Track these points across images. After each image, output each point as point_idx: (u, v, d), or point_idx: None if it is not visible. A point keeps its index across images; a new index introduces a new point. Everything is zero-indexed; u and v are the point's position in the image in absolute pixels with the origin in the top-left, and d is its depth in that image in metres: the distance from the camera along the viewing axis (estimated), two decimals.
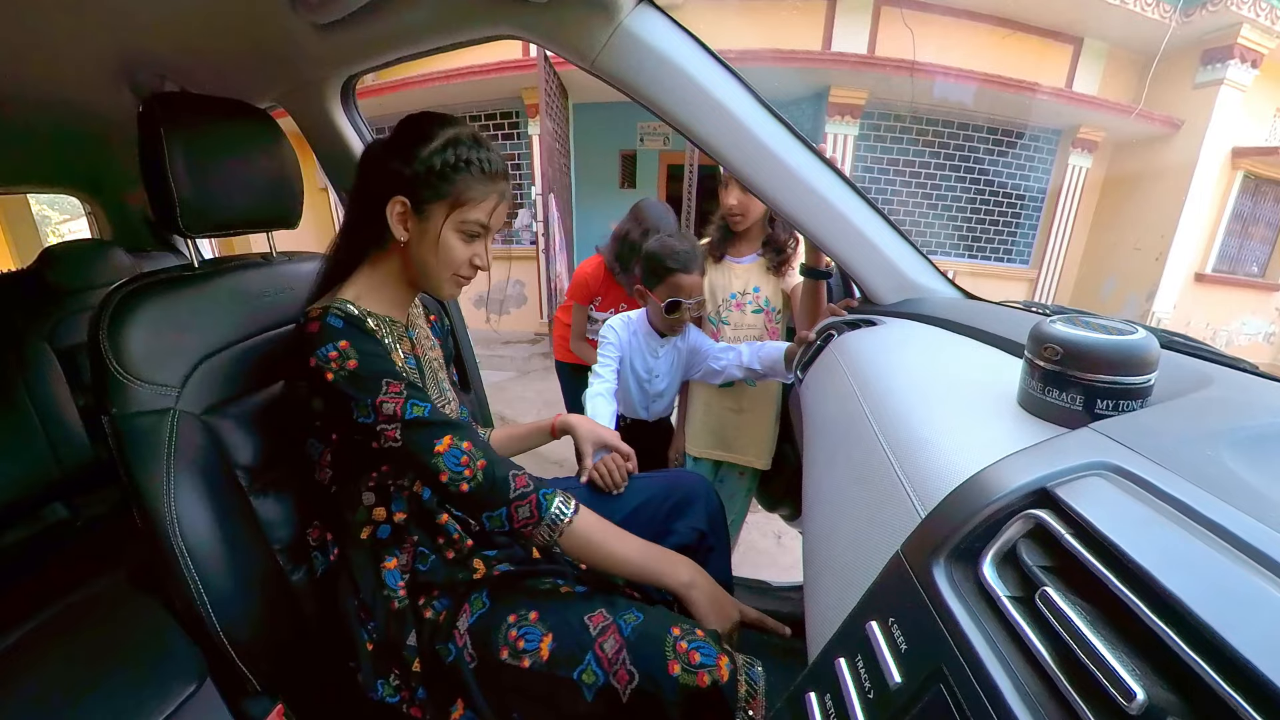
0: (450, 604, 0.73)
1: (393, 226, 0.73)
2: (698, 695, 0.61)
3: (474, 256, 0.77)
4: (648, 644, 0.65)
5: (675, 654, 0.63)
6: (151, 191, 0.73)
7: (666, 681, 0.62)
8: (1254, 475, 0.29)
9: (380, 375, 0.68)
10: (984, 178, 5.91)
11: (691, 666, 0.62)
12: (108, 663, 0.70)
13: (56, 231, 9.30)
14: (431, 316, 0.95)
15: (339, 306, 0.70)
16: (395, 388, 0.68)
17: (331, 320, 0.68)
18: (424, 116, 0.75)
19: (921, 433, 0.46)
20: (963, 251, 6.20)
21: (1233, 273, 6.51)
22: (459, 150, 0.72)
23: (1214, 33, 5.33)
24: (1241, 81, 5.44)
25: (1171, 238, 5.82)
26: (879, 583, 0.36)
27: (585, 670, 0.64)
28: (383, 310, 0.79)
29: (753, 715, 0.61)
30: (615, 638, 0.66)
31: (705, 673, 0.62)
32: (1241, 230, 6.42)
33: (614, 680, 0.63)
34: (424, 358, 0.85)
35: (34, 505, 1.35)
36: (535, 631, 0.68)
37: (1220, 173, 5.87)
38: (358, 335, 0.69)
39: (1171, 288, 6.06)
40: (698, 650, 0.64)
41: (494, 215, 0.76)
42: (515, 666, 0.66)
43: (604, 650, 0.65)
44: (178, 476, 0.68)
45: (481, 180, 0.73)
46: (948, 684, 0.27)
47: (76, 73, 0.99)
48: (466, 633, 0.70)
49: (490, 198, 0.74)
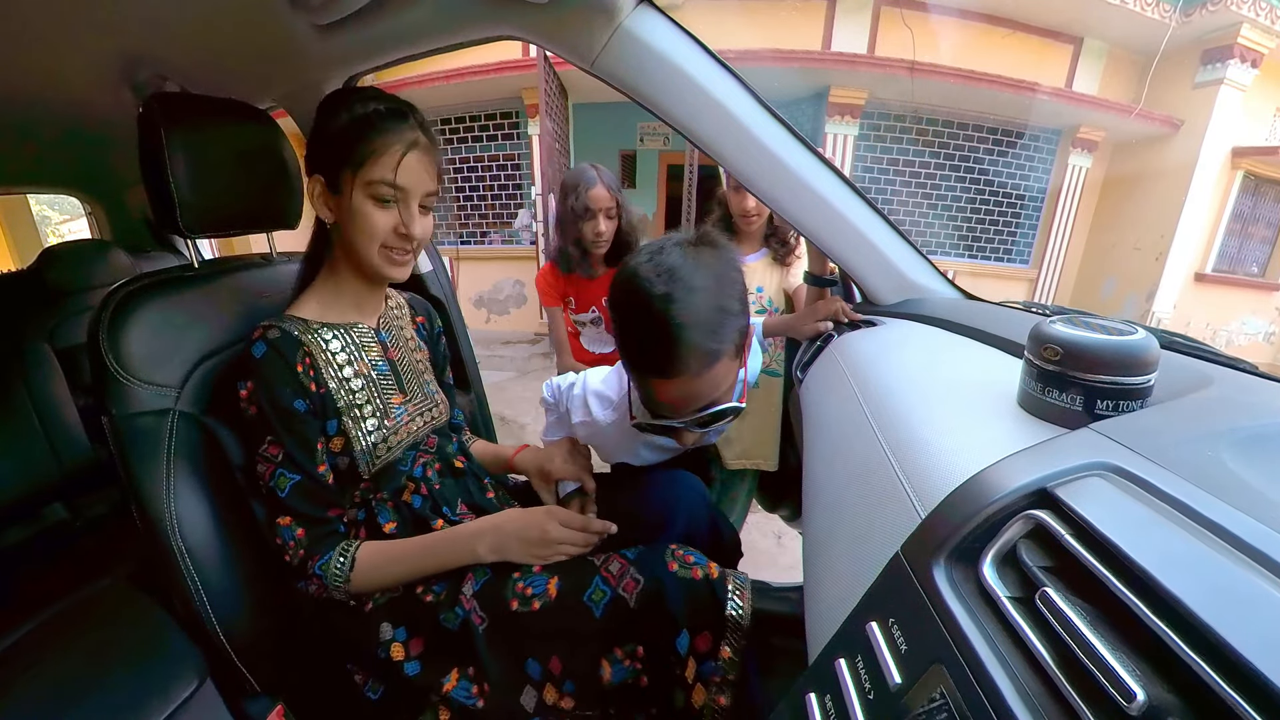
0: (448, 584, 0.73)
1: (316, 209, 0.73)
2: (693, 590, 0.68)
3: (397, 225, 0.71)
4: (649, 556, 0.72)
5: (673, 558, 0.71)
6: (151, 192, 0.73)
7: (668, 578, 0.68)
8: (1254, 475, 0.29)
9: (266, 432, 0.69)
10: (984, 178, 5.91)
11: (687, 565, 0.70)
12: (108, 663, 0.70)
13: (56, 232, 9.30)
14: (419, 319, 0.93)
15: (279, 325, 0.71)
16: (274, 450, 0.69)
17: (255, 349, 0.69)
18: (334, 93, 0.73)
19: (921, 433, 0.46)
20: (962, 251, 6.20)
21: (1233, 272, 6.51)
22: (353, 109, 0.68)
23: (1214, 32, 5.33)
24: (1241, 81, 5.44)
25: (1171, 237, 5.82)
26: (879, 583, 0.36)
27: (593, 591, 0.69)
28: (343, 317, 0.78)
29: (741, 606, 0.68)
30: (619, 560, 0.72)
31: (698, 569, 0.70)
32: (1241, 230, 6.41)
33: (621, 590, 0.69)
34: (401, 361, 0.83)
35: (34, 505, 1.35)
36: (540, 579, 0.71)
37: (1220, 172, 5.87)
38: (274, 370, 0.68)
39: (1171, 288, 6.06)
40: (691, 555, 0.72)
41: (403, 171, 0.68)
42: (527, 613, 0.68)
43: (610, 571, 0.71)
44: (178, 477, 0.68)
45: (378, 131, 0.67)
46: (948, 684, 0.27)
47: (77, 73, 0.99)
48: (473, 597, 0.70)
49: (390, 150, 0.68)
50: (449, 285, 1.28)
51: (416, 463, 0.80)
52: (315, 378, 0.72)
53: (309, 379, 0.71)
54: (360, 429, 0.74)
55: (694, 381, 0.64)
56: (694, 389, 0.65)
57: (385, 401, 0.78)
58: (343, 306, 0.79)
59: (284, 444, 0.68)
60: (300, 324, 0.73)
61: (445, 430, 0.90)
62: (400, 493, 0.78)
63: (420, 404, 0.84)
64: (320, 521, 0.71)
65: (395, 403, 0.80)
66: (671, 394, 0.66)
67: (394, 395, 0.80)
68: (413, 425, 0.81)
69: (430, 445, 0.84)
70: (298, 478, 0.69)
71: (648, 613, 0.67)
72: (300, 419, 0.70)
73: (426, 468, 0.81)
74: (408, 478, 0.79)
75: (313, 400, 0.71)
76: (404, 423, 0.80)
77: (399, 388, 0.81)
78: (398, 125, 0.69)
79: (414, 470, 0.80)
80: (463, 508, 0.83)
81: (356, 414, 0.74)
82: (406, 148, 0.68)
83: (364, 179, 0.68)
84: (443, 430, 0.89)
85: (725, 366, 0.65)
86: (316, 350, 0.73)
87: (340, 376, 0.74)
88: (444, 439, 0.88)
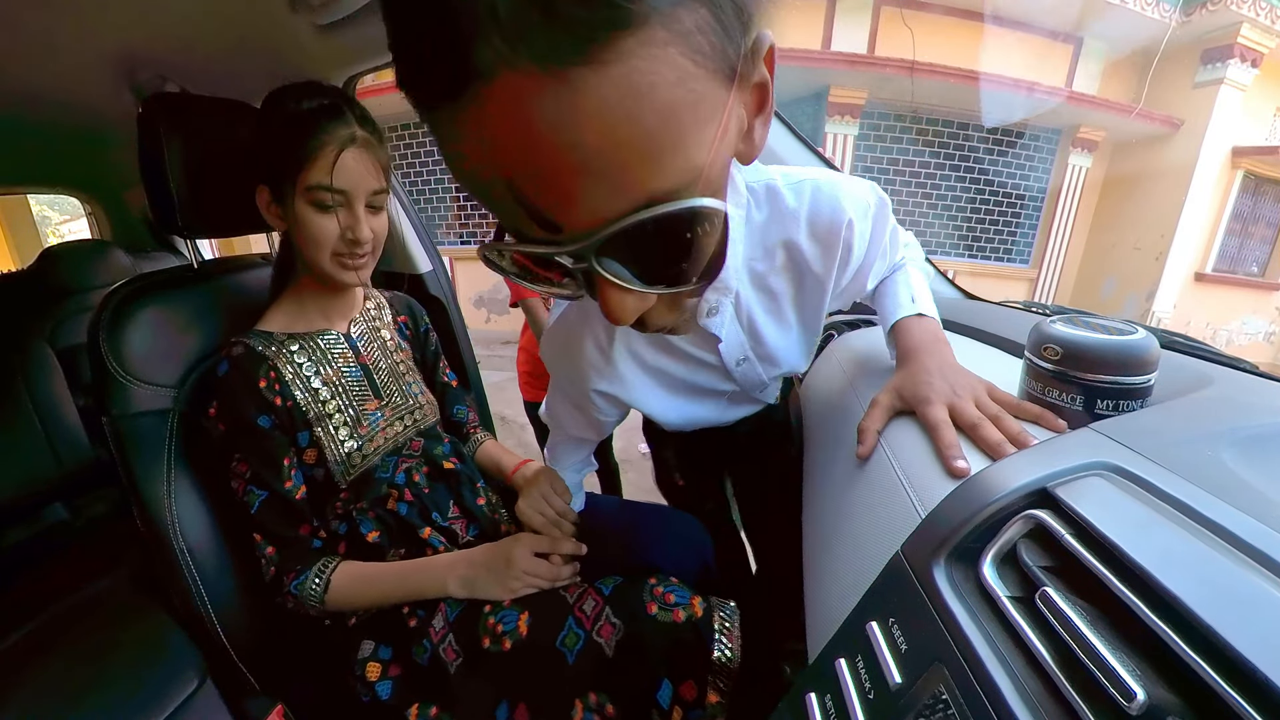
0: (425, 611, 0.71)
1: (268, 220, 0.71)
2: (676, 634, 0.62)
3: (346, 230, 0.67)
4: (627, 595, 0.66)
5: (652, 598, 0.65)
6: (151, 192, 0.72)
7: (647, 623, 0.63)
8: (1254, 475, 0.29)
9: (234, 449, 0.68)
10: (984, 177, 5.91)
11: (667, 605, 0.64)
12: (108, 663, 0.70)
13: (56, 232, 9.30)
14: (400, 317, 0.91)
15: (244, 340, 0.71)
16: (242, 467, 0.68)
17: (220, 367, 0.69)
18: (271, 93, 0.68)
19: (922, 433, 0.46)
20: (962, 251, 6.20)
21: (1233, 272, 6.52)
22: (285, 107, 0.64)
23: (1214, 32, 5.33)
24: (1241, 81, 5.45)
25: (1171, 237, 5.83)
26: (879, 583, 0.36)
27: (567, 635, 0.64)
28: (311, 325, 0.77)
29: (729, 646, 0.62)
30: (594, 598, 0.66)
31: (680, 610, 0.64)
32: (1241, 230, 6.42)
33: (597, 636, 0.63)
34: (375, 364, 0.81)
35: (34, 506, 1.35)
36: (511, 613, 0.67)
37: (1220, 172, 5.88)
38: (236, 388, 0.68)
39: (1171, 287, 6.07)
40: (672, 593, 0.66)
41: (340, 172, 0.64)
42: (498, 653, 0.64)
43: (584, 611, 0.65)
44: (178, 477, 0.68)
45: (310, 132, 0.63)
46: (948, 684, 0.27)
47: (77, 73, 0.99)
48: (446, 628, 0.68)
49: (325, 151, 0.63)
50: (449, 285, 1.28)
51: (399, 469, 0.78)
52: (281, 391, 0.71)
53: (273, 393, 0.70)
54: (332, 439, 0.73)
55: (539, 90, 0.23)
56: (548, 115, 0.23)
57: (359, 409, 0.76)
58: (310, 315, 0.77)
59: (249, 461, 0.68)
60: (264, 338, 0.72)
61: (434, 432, 0.87)
62: (383, 501, 0.76)
63: (400, 407, 0.82)
64: (290, 541, 0.70)
65: (369, 409, 0.78)
66: (494, 134, 0.25)
67: (368, 401, 0.78)
68: (391, 430, 0.79)
69: (415, 449, 0.82)
70: (264, 494, 0.68)
71: (626, 661, 0.62)
72: (264, 435, 0.69)
73: (411, 472, 0.79)
74: (389, 485, 0.76)
75: (279, 415, 0.70)
76: (380, 428, 0.78)
77: (374, 393, 0.79)
78: (332, 123, 0.64)
79: (395, 477, 0.77)
80: (455, 511, 0.81)
81: (327, 424, 0.73)
82: (341, 146, 0.64)
83: (303, 185, 0.65)
84: (430, 432, 0.86)
85: (663, 65, 0.23)
86: (282, 364, 0.72)
87: (309, 388, 0.73)
88: (432, 441, 0.85)
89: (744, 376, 0.64)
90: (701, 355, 0.62)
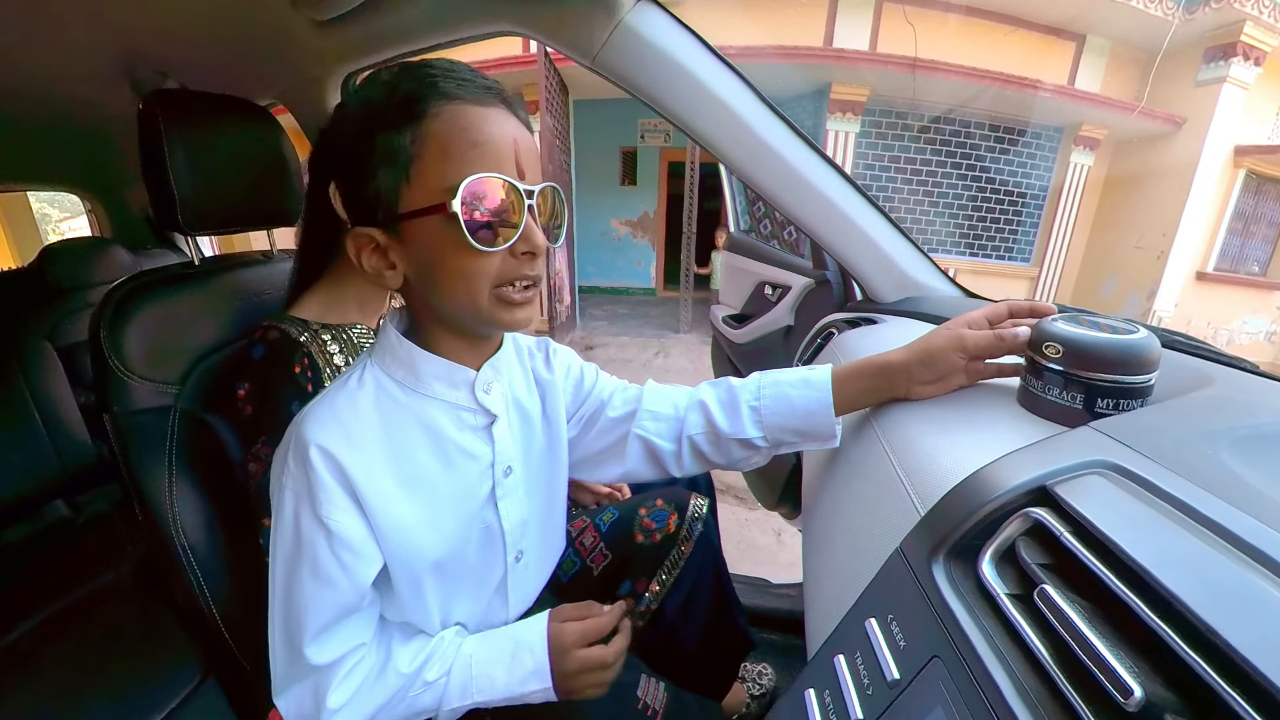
0: None
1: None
2: (655, 553, 0.76)
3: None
4: (620, 528, 0.78)
5: (640, 529, 0.77)
6: (152, 189, 0.72)
7: (633, 548, 0.76)
8: (1254, 475, 0.29)
9: (260, 432, 0.67)
10: (985, 175, 5.90)
11: (647, 531, 0.77)
12: (109, 660, 0.71)
13: (57, 229, 9.29)
14: None
15: (279, 325, 0.70)
16: (267, 449, 0.67)
17: (254, 351, 0.69)
18: None
19: (921, 431, 0.46)
20: (964, 249, 6.19)
21: (1234, 271, 6.50)
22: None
23: (1217, 30, 5.31)
24: (1244, 79, 5.42)
25: (1173, 236, 5.81)
26: (878, 580, 0.36)
27: (565, 561, 0.76)
28: (344, 317, 0.77)
29: (684, 549, 0.76)
30: (592, 534, 0.79)
31: (658, 533, 0.77)
32: (1243, 229, 6.40)
33: (589, 562, 0.77)
34: None
35: (35, 503, 1.35)
36: None
37: (1222, 171, 5.86)
38: (271, 372, 0.68)
39: (1173, 286, 6.06)
40: (653, 519, 0.78)
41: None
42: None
43: (584, 545, 0.78)
44: (179, 474, 0.69)
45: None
46: (947, 681, 0.27)
47: (77, 70, 0.99)
48: None
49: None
50: None
51: None
52: (313, 379, 0.71)
53: (306, 380, 0.70)
54: None
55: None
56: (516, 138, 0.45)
57: None
58: (345, 307, 0.78)
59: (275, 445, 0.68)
60: (300, 325, 0.73)
61: None
62: None
63: None
64: None
65: None
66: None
67: None
68: None
69: None
70: None
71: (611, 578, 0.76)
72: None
73: None
74: None
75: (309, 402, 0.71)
76: None
77: None
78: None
79: None
80: None
81: None
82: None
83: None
84: None
85: None
86: (316, 352, 0.72)
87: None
88: None
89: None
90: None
